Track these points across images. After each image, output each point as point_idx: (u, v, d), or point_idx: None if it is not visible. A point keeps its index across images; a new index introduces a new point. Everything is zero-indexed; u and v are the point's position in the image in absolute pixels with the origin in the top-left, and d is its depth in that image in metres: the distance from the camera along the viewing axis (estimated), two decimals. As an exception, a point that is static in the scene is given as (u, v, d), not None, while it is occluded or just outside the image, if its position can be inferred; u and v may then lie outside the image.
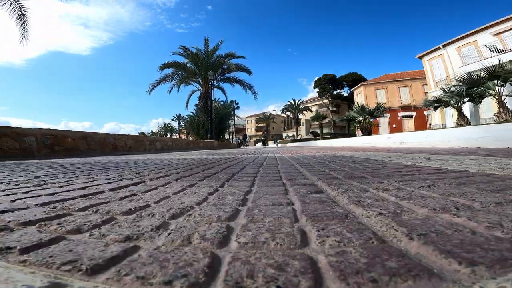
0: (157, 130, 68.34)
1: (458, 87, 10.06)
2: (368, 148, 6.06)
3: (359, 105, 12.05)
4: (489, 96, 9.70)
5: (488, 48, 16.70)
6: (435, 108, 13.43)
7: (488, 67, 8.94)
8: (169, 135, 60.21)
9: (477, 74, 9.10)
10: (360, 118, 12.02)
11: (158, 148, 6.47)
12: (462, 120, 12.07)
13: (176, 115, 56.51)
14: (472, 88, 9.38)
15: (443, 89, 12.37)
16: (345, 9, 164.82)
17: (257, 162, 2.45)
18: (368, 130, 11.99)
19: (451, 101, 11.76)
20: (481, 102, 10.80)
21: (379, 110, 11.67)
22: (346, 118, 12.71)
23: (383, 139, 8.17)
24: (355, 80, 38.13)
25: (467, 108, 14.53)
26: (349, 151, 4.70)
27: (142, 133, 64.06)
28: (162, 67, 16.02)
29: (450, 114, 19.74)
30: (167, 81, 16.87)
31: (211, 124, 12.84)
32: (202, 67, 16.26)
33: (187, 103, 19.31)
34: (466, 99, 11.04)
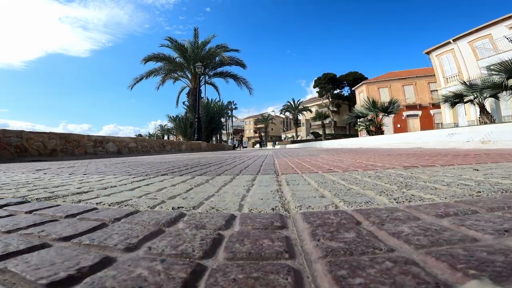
0: (154, 132, 66.81)
1: (492, 77, 8.61)
2: (439, 150, 3.49)
3: (370, 100, 10.42)
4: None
5: (509, 40, 15.26)
6: (453, 105, 12.04)
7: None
8: (166, 137, 58.66)
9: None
10: (371, 115, 10.38)
11: (111, 151, 4.68)
12: (486, 118, 10.73)
13: (172, 116, 54.94)
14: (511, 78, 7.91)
15: (464, 83, 11.00)
16: (345, 9, 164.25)
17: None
18: (381, 130, 10.33)
19: (473, 96, 10.40)
20: (513, 96, 9.33)
21: (394, 106, 10.03)
22: (356, 115, 11.04)
23: (441, 136, 5.16)
24: (356, 79, 36.86)
25: (487, 104, 13.17)
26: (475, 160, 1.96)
27: (140, 135, 62.56)
28: (145, 60, 14.25)
29: (463, 112, 18.24)
30: (153, 75, 15.16)
31: (199, 122, 11.12)
32: (191, 60, 14.54)
33: (177, 101, 17.71)
34: (486, 94, 9.68)
